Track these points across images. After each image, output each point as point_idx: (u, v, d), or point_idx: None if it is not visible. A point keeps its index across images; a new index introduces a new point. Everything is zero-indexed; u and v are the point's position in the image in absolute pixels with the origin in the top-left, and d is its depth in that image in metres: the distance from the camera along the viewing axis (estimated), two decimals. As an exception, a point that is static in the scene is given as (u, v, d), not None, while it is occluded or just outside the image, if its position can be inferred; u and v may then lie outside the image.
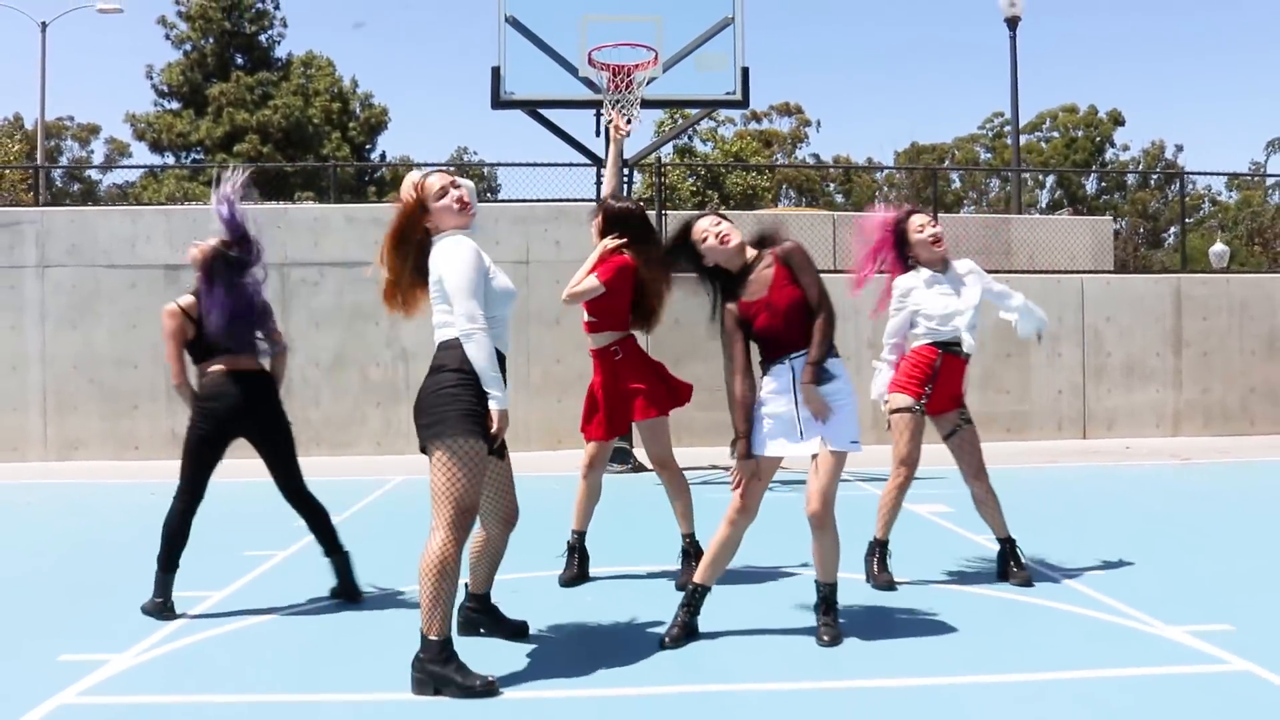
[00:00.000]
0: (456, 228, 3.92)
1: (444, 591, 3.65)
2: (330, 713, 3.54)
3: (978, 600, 4.94)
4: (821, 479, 4.16)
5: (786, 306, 4.16)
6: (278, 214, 12.83)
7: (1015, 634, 4.37)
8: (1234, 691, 3.59)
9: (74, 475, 11.05)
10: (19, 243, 12.37)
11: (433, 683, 3.62)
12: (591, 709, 3.53)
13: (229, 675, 3.96)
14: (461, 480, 3.69)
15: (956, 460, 5.35)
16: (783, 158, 52.01)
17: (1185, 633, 4.28)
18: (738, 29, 9.55)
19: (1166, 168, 52.21)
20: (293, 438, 5.11)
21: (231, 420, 4.91)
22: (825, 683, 3.75)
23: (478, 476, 3.73)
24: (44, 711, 3.52)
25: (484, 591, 4.35)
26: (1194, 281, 14.29)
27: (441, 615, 3.66)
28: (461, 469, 3.68)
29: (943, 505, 7.68)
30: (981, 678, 3.79)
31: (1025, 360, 13.54)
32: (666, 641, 4.17)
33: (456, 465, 3.68)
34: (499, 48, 9.49)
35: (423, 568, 3.66)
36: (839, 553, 4.29)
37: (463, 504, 3.69)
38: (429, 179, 3.95)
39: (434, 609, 3.64)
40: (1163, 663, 3.92)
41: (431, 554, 3.66)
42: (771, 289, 4.19)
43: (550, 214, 12.78)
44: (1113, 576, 5.38)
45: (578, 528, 5.44)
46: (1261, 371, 14.12)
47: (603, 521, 5.76)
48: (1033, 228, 17.15)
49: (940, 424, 5.33)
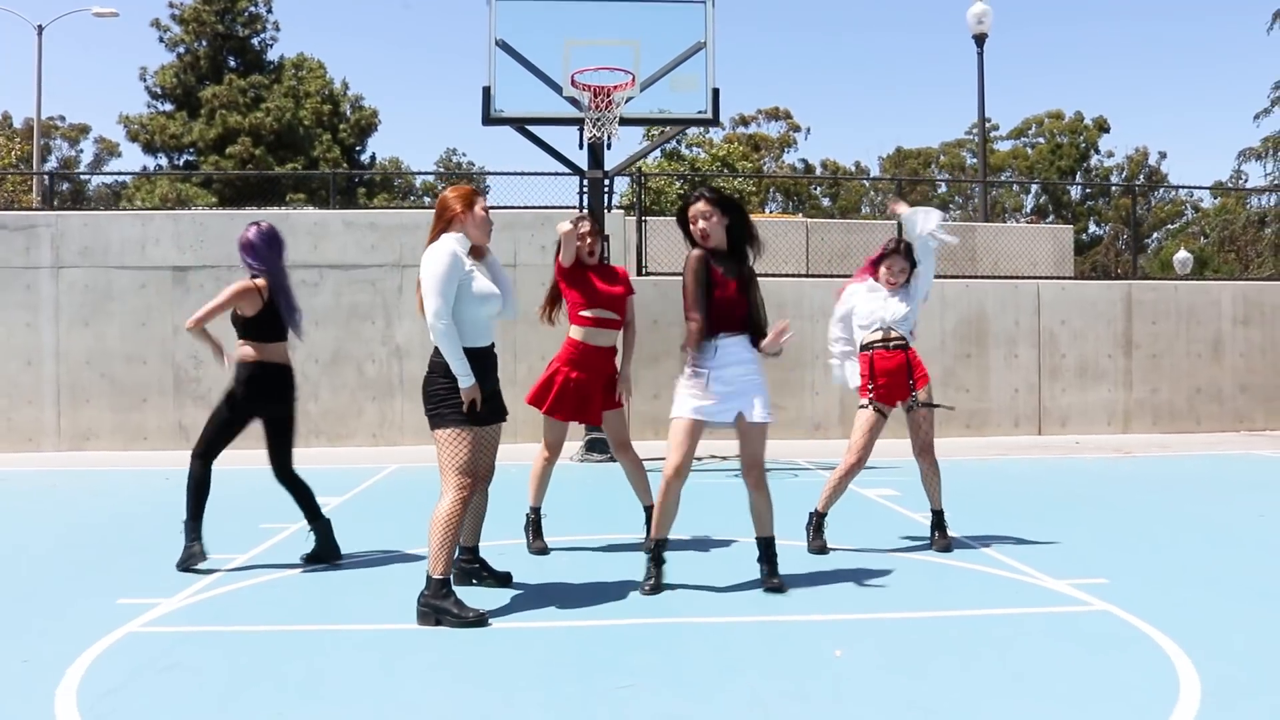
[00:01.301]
0: (467, 235, 4.69)
1: (448, 540, 4.46)
2: (350, 639, 4.31)
3: (901, 561, 5.75)
4: (755, 447, 4.97)
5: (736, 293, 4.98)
6: (279, 219, 13.56)
7: (927, 585, 5.18)
8: (1088, 623, 4.41)
9: (87, 464, 11.77)
10: (35, 245, 13.09)
11: (434, 614, 4.42)
12: (568, 637, 4.31)
13: (264, 612, 4.74)
14: (460, 454, 4.50)
15: (910, 434, 6.14)
16: (771, 162, 52.91)
17: (1067, 584, 5.10)
18: (709, 53, 10.37)
19: (1150, 174, 53.29)
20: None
21: (264, 402, 5.68)
22: (758, 617, 4.55)
23: (473, 450, 4.55)
24: (115, 638, 4.29)
25: (473, 544, 5.14)
26: (1144, 288, 15.16)
27: (445, 559, 4.46)
28: (458, 447, 4.50)
29: (891, 490, 8.49)
30: (890, 615, 4.59)
31: (984, 360, 14.38)
32: (646, 590, 4.96)
33: (454, 444, 4.50)
34: (489, 69, 10.28)
35: (433, 521, 4.47)
36: (773, 511, 5.09)
37: (463, 472, 4.50)
38: (475, 191, 4.82)
39: (439, 554, 4.44)
40: (1041, 605, 4.74)
41: (440, 510, 4.47)
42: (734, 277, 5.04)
43: (537, 220, 13.57)
44: (1024, 546, 6.20)
45: (536, 504, 6.17)
46: (1207, 373, 15.00)
47: (581, 500, 6.53)
48: (997, 235, 18.01)
49: (903, 407, 6.12)
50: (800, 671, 3.79)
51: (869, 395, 6.06)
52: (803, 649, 4.09)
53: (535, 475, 6.14)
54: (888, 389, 6.06)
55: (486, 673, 3.83)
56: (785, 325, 4.97)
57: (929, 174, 54.24)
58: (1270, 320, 15.21)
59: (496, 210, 14.38)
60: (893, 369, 6.07)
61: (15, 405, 13.03)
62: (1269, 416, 15.09)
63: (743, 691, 3.57)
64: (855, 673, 3.78)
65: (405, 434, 13.24)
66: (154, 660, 3.98)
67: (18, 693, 3.62)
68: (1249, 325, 15.15)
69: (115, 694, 3.58)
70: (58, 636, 4.31)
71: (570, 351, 6.06)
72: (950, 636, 4.25)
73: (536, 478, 6.15)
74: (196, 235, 13.23)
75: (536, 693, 3.59)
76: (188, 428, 13.06)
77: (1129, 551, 6.00)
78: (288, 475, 5.87)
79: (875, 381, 6.05)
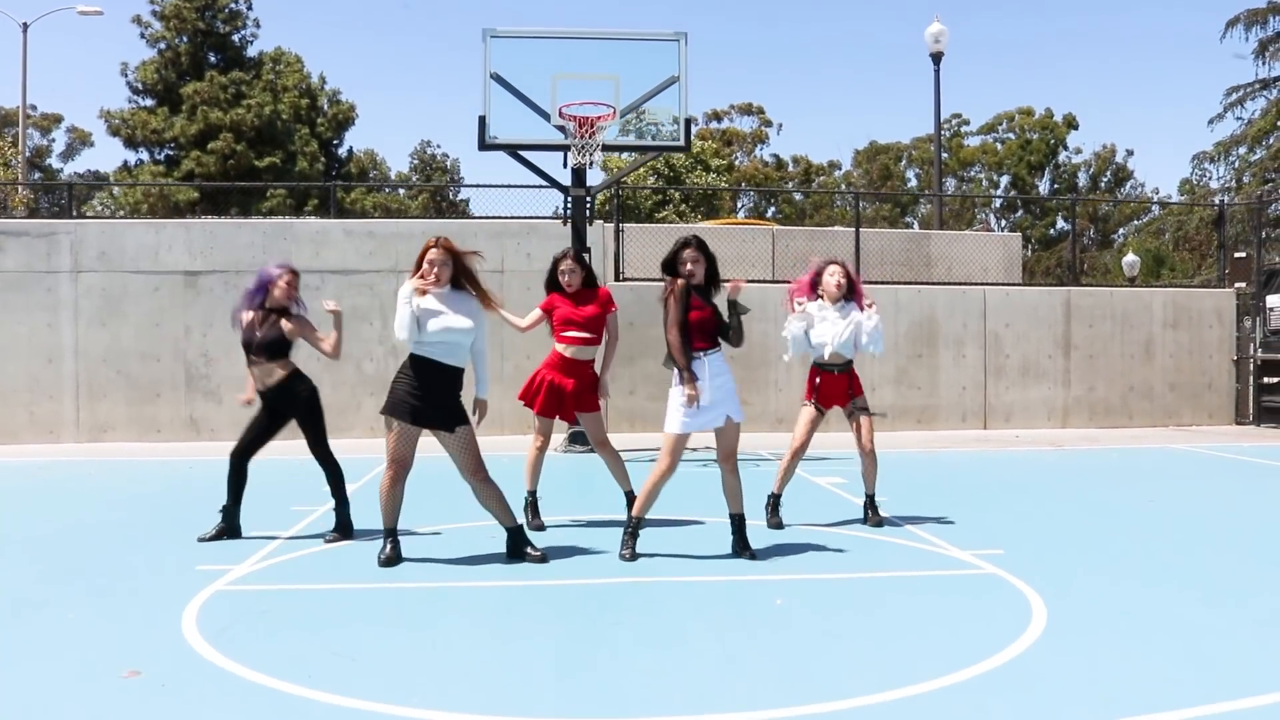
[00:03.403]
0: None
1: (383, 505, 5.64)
2: (388, 595, 5.44)
3: (839, 536, 6.95)
4: (731, 441, 6.16)
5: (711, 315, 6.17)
6: (284, 227, 14.64)
7: (856, 553, 6.37)
8: (975, 583, 5.62)
9: (107, 454, 12.79)
10: (55, 251, 14.08)
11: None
12: (568, 592, 5.46)
13: (321, 573, 5.86)
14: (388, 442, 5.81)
15: (854, 434, 7.36)
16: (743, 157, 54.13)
17: (969, 555, 6.31)
18: (682, 86, 11.53)
19: (1117, 171, 54.89)
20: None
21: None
22: (720, 577, 5.72)
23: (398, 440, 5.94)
24: (206, 595, 5.40)
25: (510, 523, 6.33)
26: (1082, 294, 16.47)
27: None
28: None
29: (839, 478, 9.69)
30: (825, 575, 5.78)
31: (935, 360, 15.63)
32: (625, 555, 6.12)
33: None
34: (484, 99, 11.38)
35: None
36: (743, 491, 6.28)
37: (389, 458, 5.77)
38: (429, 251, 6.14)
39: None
40: (941, 569, 5.95)
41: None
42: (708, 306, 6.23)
43: (523, 229, 14.69)
44: (944, 525, 7.40)
45: (531, 488, 7.34)
46: (1139, 373, 16.33)
47: (569, 488, 7.63)
48: (950, 243, 19.25)
49: (844, 413, 7.37)
50: (751, 618, 4.96)
51: (812, 399, 7.26)
52: (754, 601, 5.26)
53: (530, 462, 7.30)
54: (828, 397, 7.27)
55: (511, 613, 4.98)
56: (739, 282, 6.21)
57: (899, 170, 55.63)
58: (1197, 324, 16.57)
59: (484, 220, 15.54)
60: (833, 386, 7.28)
61: (37, 399, 14.02)
62: (1195, 412, 16.46)
63: (706, 626, 4.73)
64: (791, 617, 4.95)
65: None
66: (249, 607, 5.11)
67: (152, 638, 4.72)
68: (1178, 329, 16.49)
69: (229, 631, 4.71)
70: (159, 595, 5.42)
71: (554, 360, 7.24)
72: (867, 591, 5.44)
73: (531, 464, 7.30)
74: (206, 242, 14.25)
75: (546, 640, 4.72)
76: (198, 421, 14.12)
77: (1029, 529, 7.22)
78: (325, 459, 7.03)
79: (819, 391, 7.25)
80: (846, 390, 7.33)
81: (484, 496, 6.15)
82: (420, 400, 5.92)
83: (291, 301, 6.99)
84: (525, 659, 4.33)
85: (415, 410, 5.93)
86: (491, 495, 6.15)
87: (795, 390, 15.22)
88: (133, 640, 4.59)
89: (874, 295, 8.78)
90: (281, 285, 6.92)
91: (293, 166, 39.81)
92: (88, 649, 4.46)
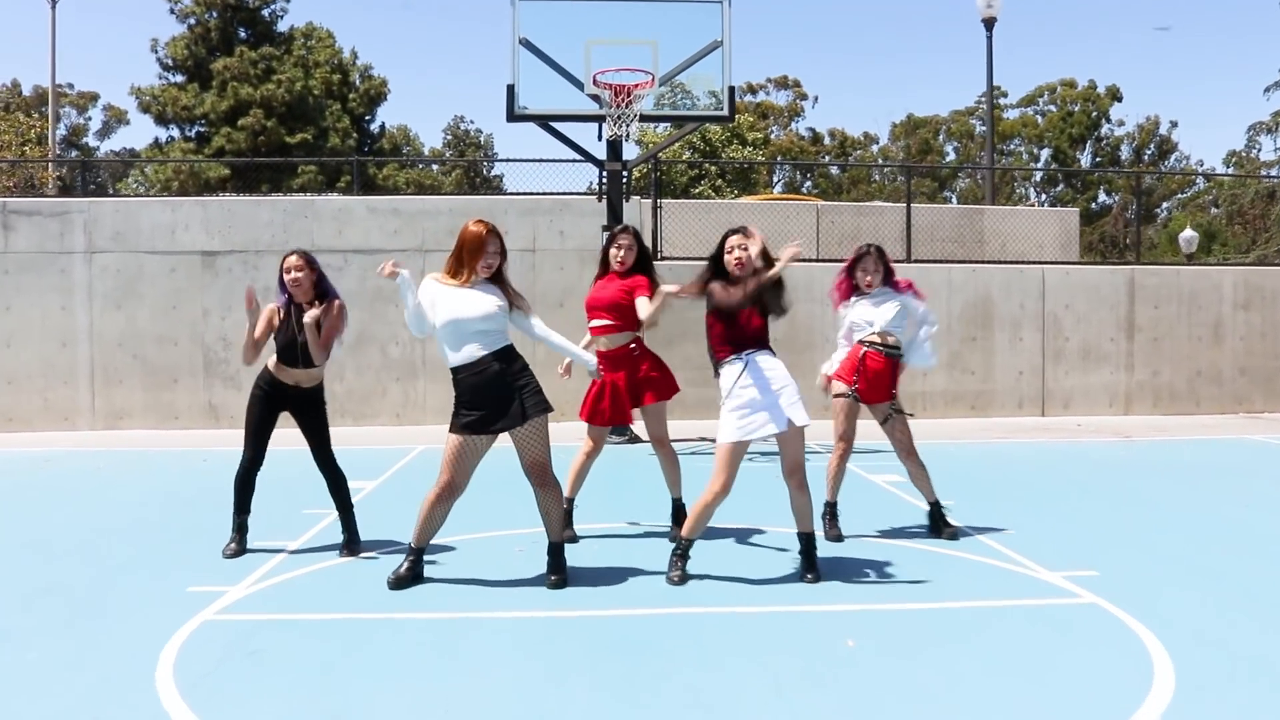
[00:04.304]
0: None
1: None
2: (410, 626, 4.75)
3: (907, 551, 6.18)
4: (795, 451, 5.39)
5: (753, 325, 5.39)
6: (305, 205, 13.98)
7: (930, 576, 5.60)
8: (1077, 617, 4.84)
9: (123, 444, 12.23)
10: (69, 230, 13.51)
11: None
12: (607, 625, 4.75)
13: (324, 599, 5.18)
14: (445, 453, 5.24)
15: (891, 442, 6.57)
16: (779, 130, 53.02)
17: (1060, 577, 5.53)
18: (725, 51, 10.70)
19: (1161, 144, 53.32)
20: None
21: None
22: (778, 607, 4.98)
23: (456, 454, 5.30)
24: (193, 626, 4.74)
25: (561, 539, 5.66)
26: (1146, 273, 15.50)
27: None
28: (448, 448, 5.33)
29: (896, 475, 8.89)
30: (899, 605, 5.03)
31: (990, 343, 14.76)
32: (674, 579, 5.40)
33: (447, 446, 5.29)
34: (513, 67, 10.62)
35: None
36: (813, 509, 5.52)
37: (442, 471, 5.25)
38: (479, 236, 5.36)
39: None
40: (1032, 596, 5.17)
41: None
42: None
43: (555, 206, 13.95)
44: (1022, 536, 6.62)
45: (570, 495, 6.60)
46: (1207, 356, 15.37)
47: (606, 487, 6.95)
48: (1004, 218, 18.33)
49: (875, 412, 6.57)
50: (819, 664, 4.22)
51: (852, 384, 6.46)
52: (821, 639, 4.52)
53: (575, 468, 6.59)
54: (869, 389, 6.47)
55: (537, 657, 4.27)
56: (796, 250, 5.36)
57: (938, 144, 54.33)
58: (1270, 304, 15.56)
59: (515, 197, 14.81)
60: (880, 370, 6.47)
61: (51, 385, 13.49)
62: (1267, 399, 15.48)
63: (764, 676, 4.00)
64: (863, 659, 4.21)
65: (428, 414, 13.68)
66: (236, 646, 4.43)
67: (119, 684, 4.06)
68: (1249, 309, 15.50)
69: (210, 679, 4.03)
70: (139, 626, 4.76)
71: (601, 358, 6.48)
72: (951, 626, 4.69)
73: (575, 470, 6.59)
74: (224, 221, 13.62)
75: (583, 675, 4.03)
76: (217, 407, 13.53)
77: (1121, 544, 6.42)
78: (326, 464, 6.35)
79: (860, 376, 6.44)
80: (890, 383, 6.55)
81: (546, 501, 5.46)
82: (479, 407, 5.23)
83: (312, 291, 6.19)
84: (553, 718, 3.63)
85: (477, 422, 5.24)
86: (554, 502, 5.47)
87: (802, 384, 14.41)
88: (92, 694, 3.92)
89: (922, 277, 7.89)
90: (293, 277, 6.14)
91: (325, 143, 39.28)
92: (37, 703, 3.80)
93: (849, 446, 6.55)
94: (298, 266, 6.10)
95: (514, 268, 13.99)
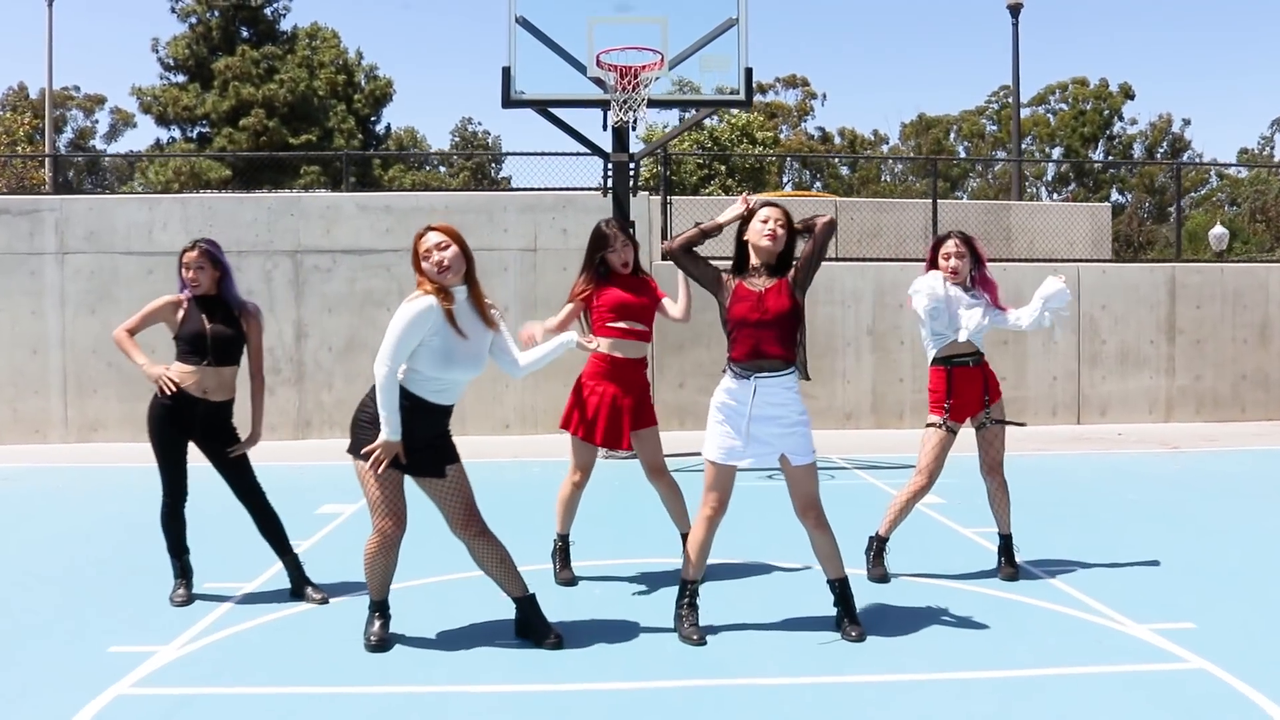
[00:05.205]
0: (436, 289, 4.31)
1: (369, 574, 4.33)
2: (363, 706, 3.88)
3: (966, 596, 5.27)
4: (807, 487, 4.51)
5: (775, 312, 4.47)
6: (290, 202, 13.12)
7: (996, 632, 4.69)
8: (1188, 689, 3.93)
9: (95, 458, 11.38)
10: (39, 230, 12.67)
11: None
12: (610, 702, 3.86)
13: (269, 665, 4.30)
14: (372, 492, 4.40)
15: (979, 451, 5.66)
16: (788, 130, 52.05)
17: (1150, 630, 4.62)
18: (741, 30, 9.78)
19: (1174, 142, 52.25)
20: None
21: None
22: (818, 678, 4.09)
23: (386, 489, 4.41)
24: (103, 702, 3.87)
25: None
26: (1188, 270, 14.55)
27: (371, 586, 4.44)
28: (369, 482, 4.41)
29: (935, 496, 7.98)
30: (966, 674, 4.12)
31: (1021, 347, 13.84)
32: (693, 638, 4.49)
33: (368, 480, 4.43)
34: (509, 48, 9.72)
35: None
36: (839, 548, 4.63)
37: (380, 513, 4.40)
38: (424, 238, 4.35)
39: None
40: (1126, 661, 4.26)
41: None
42: (769, 291, 4.50)
43: (558, 203, 13.07)
44: (1091, 572, 5.71)
45: (563, 531, 5.70)
46: (1253, 359, 14.42)
47: (606, 508, 6.06)
48: (1032, 214, 17.40)
49: (973, 422, 5.65)
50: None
51: (944, 414, 5.54)
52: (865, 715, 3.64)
53: (563, 500, 5.68)
54: (962, 406, 5.57)
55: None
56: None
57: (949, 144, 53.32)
58: (1321, 304, 14.60)
59: (515, 193, 13.93)
60: (970, 386, 5.57)
61: (21, 395, 12.66)
62: (1318, 405, 14.53)
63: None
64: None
65: (422, 425, 12.77)
66: (144, 738, 3.56)
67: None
68: (1298, 309, 14.54)
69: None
70: (34, 707, 3.89)
71: (597, 365, 5.58)
72: (1032, 701, 3.79)
73: (564, 503, 5.68)
74: (205, 219, 12.77)
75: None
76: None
77: (1211, 585, 5.50)
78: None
79: (951, 399, 5.54)
80: (983, 393, 5.63)
81: (482, 556, 4.56)
82: (407, 441, 4.37)
83: (215, 289, 5.30)
84: None
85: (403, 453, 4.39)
86: (492, 554, 4.55)
87: (864, 383, 13.51)
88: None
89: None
90: (190, 276, 5.24)
91: (329, 144, 38.48)
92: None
93: (928, 484, 5.58)
94: (198, 265, 5.23)
95: (514, 267, 13.21)
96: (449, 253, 4.33)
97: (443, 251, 4.32)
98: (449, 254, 4.33)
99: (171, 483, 5.28)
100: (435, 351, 4.29)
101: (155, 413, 5.25)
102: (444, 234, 4.37)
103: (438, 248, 4.33)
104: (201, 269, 5.23)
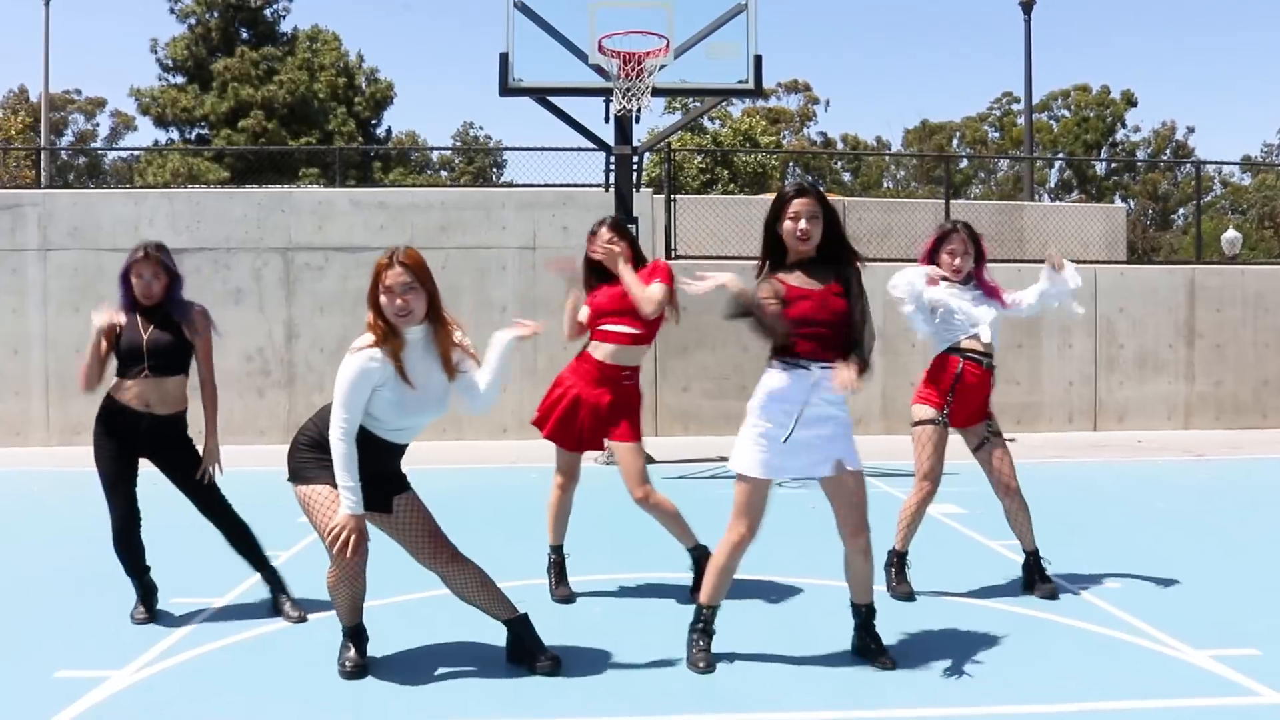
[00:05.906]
0: (384, 332, 3.85)
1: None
2: (333, 740, 3.44)
3: (1000, 616, 4.81)
4: (858, 501, 4.05)
5: (840, 313, 3.99)
6: (281, 198, 12.69)
7: (1039, 658, 4.24)
8: (1265, 727, 3.49)
9: (75, 462, 10.93)
10: (21, 225, 12.25)
11: None
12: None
13: (230, 694, 3.85)
14: (325, 517, 3.93)
15: (985, 473, 5.22)
16: (790, 135, 51.63)
17: (1210, 657, 4.17)
18: (750, 16, 9.35)
19: (1177, 149, 51.84)
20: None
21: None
22: (843, 712, 3.64)
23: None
24: (39, 736, 3.43)
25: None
26: (1208, 272, 14.12)
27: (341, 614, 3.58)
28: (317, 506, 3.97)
29: (954, 505, 7.55)
30: (1008, 709, 3.67)
31: (1036, 351, 13.40)
32: (699, 665, 4.06)
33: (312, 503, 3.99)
34: (507, 34, 9.30)
35: None
36: (873, 575, 4.20)
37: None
38: (388, 272, 3.87)
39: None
40: (1191, 694, 3.80)
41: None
42: (829, 290, 4.01)
43: (558, 199, 12.64)
44: (1133, 589, 5.27)
45: (556, 542, 5.29)
46: (1275, 364, 13.98)
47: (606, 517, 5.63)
48: (1045, 215, 16.99)
49: (967, 437, 5.21)
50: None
51: (943, 409, 5.09)
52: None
53: (551, 508, 5.25)
54: (960, 409, 5.11)
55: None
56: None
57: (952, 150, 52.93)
58: (1344, 308, 14.15)
59: (514, 189, 13.51)
60: (976, 386, 5.12)
61: (2, 396, 12.24)
62: (1341, 411, 14.07)
63: None
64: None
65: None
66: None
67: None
68: (1321, 313, 14.10)
69: None
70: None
71: (582, 366, 5.13)
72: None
73: (553, 511, 5.24)
74: (193, 215, 12.35)
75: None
76: (185, 421, 12.24)
77: (1267, 604, 5.05)
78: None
79: (954, 395, 5.08)
80: (985, 404, 5.19)
81: (459, 585, 4.11)
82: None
83: (163, 296, 4.88)
84: None
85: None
86: (470, 580, 4.10)
87: (874, 387, 13.04)
88: None
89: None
90: (140, 280, 4.84)
91: (329, 146, 38.10)
92: None
93: (934, 488, 5.15)
94: (152, 275, 4.81)
95: (513, 267, 12.78)
96: (413, 296, 3.86)
97: (407, 294, 3.84)
98: (413, 297, 3.86)
99: (119, 507, 4.81)
100: (388, 402, 3.87)
101: (97, 429, 4.83)
102: (412, 272, 3.86)
103: (403, 290, 3.84)
104: (156, 279, 4.81)
